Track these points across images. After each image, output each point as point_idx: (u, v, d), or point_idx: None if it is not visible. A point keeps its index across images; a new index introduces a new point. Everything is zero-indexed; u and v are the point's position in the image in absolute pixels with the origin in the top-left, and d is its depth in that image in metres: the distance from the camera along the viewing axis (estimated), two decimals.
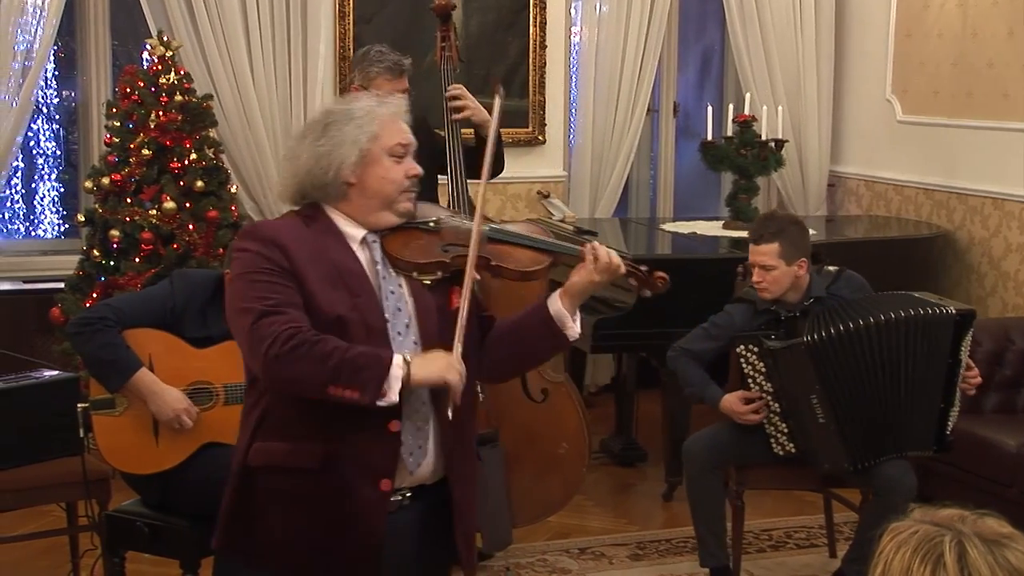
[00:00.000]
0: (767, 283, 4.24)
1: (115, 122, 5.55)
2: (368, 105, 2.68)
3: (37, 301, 5.74)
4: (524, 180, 6.65)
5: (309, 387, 2.50)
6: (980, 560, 1.52)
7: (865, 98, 7.11)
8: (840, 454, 4.16)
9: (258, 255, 2.56)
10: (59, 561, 4.54)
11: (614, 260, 2.72)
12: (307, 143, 2.65)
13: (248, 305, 2.53)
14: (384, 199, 2.66)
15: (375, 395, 2.47)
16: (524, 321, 2.78)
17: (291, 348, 2.46)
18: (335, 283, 2.59)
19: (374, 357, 2.49)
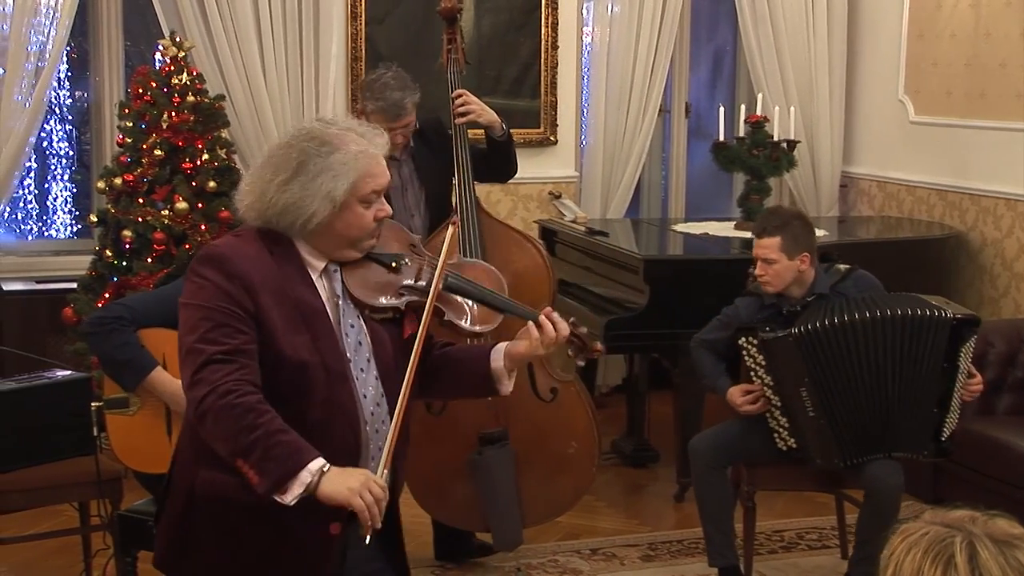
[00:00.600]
0: (768, 276, 4.25)
1: (127, 122, 5.56)
2: (352, 153, 2.56)
3: (50, 301, 5.75)
4: (535, 181, 6.65)
5: (222, 449, 2.45)
6: (991, 561, 1.52)
7: (877, 99, 7.09)
8: (831, 449, 4.17)
9: (220, 290, 2.48)
10: (71, 561, 4.56)
11: (560, 334, 2.70)
12: (277, 182, 2.54)
13: (199, 346, 2.46)
14: (350, 241, 2.61)
15: (271, 490, 2.40)
16: (463, 364, 2.79)
17: (223, 406, 2.40)
18: (297, 325, 2.53)
19: (293, 456, 2.40)
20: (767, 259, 4.23)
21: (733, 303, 4.47)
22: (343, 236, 2.59)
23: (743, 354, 4.24)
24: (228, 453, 2.44)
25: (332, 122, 2.64)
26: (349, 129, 2.62)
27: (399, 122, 4.43)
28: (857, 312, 4.10)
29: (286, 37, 6.15)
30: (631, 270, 5.47)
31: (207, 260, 2.54)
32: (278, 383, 2.50)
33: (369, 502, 2.41)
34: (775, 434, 4.27)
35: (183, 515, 2.62)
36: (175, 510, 2.65)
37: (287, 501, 2.40)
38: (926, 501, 5.26)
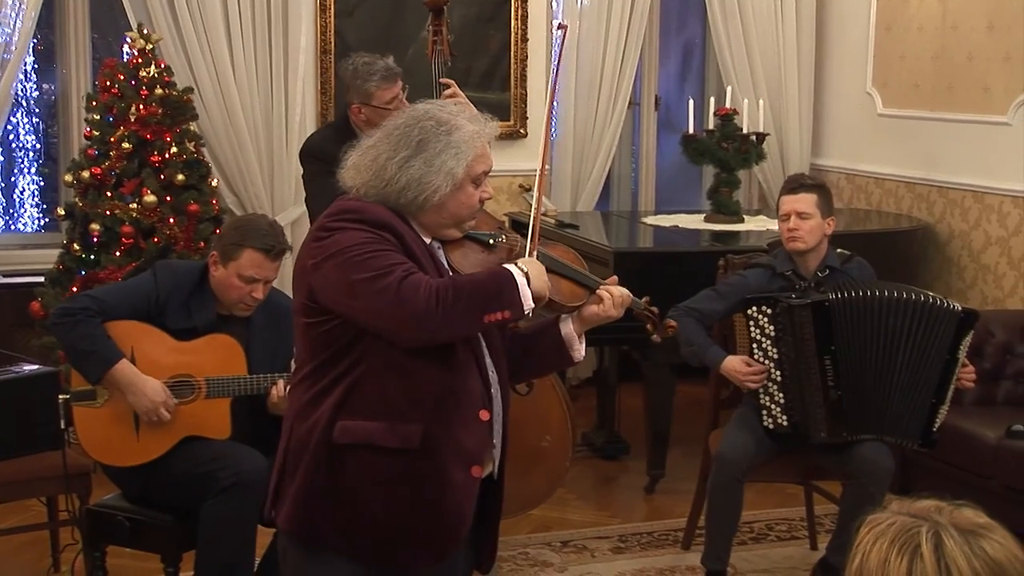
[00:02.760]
0: (803, 231, 4.26)
1: (95, 115, 5.53)
2: (469, 132, 2.65)
3: (16, 295, 5.72)
4: (505, 174, 6.64)
5: (468, 327, 2.59)
6: (957, 550, 1.53)
7: (846, 91, 7.13)
8: (839, 424, 4.18)
9: (370, 233, 2.56)
10: (40, 556, 4.54)
11: (625, 298, 2.85)
12: (398, 159, 2.61)
13: (379, 272, 2.51)
14: (457, 220, 2.70)
15: (521, 307, 2.57)
16: (535, 336, 2.88)
17: (444, 301, 2.49)
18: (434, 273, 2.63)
19: (501, 276, 2.58)
20: (804, 213, 4.25)
21: (738, 274, 4.48)
22: (453, 214, 2.67)
23: (749, 325, 4.23)
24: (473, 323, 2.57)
25: (443, 106, 2.73)
26: (459, 113, 2.71)
27: (398, 85, 4.47)
28: (882, 290, 4.14)
29: (255, 29, 6.12)
30: (601, 263, 5.47)
31: (340, 213, 2.61)
32: None
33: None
34: (764, 410, 4.25)
35: (320, 469, 2.61)
36: (311, 468, 2.62)
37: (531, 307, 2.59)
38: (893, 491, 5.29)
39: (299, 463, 2.65)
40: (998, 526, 1.59)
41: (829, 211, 4.33)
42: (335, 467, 2.61)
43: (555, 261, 2.86)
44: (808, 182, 4.42)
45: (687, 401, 5.89)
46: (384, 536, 2.62)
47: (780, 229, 4.36)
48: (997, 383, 5.36)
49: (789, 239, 4.29)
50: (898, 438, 4.23)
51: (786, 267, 4.35)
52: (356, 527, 2.62)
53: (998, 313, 5.72)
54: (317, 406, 2.63)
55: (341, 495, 2.61)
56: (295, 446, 2.66)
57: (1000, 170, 6.00)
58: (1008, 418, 4.95)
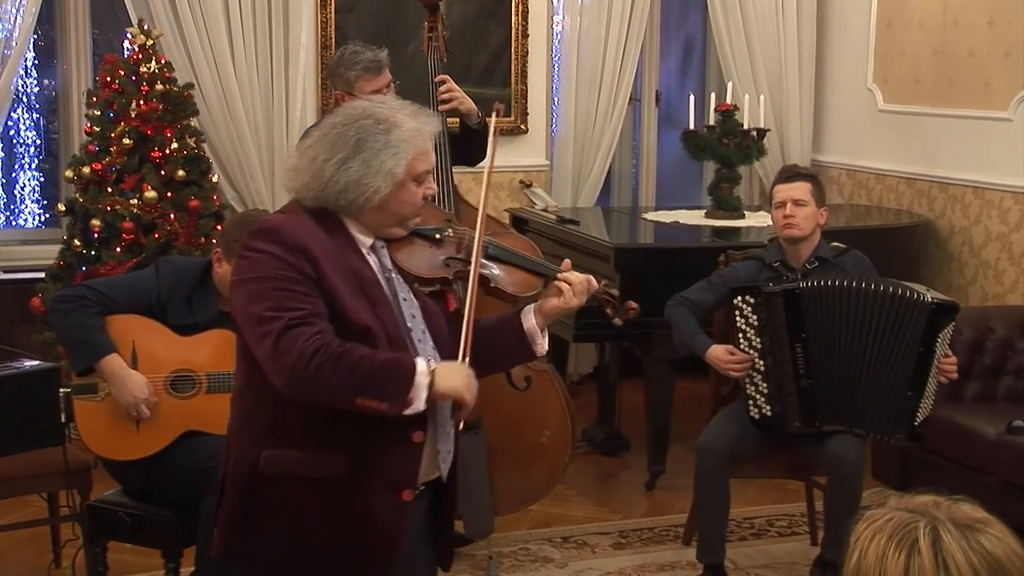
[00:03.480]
0: (799, 218, 4.29)
1: (96, 111, 5.52)
2: (409, 131, 2.59)
3: (17, 291, 5.72)
4: (506, 169, 6.64)
5: (336, 400, 2.47)
6: (954, 545, 1.53)
7: (846, 87, 7.12)
8: (811, 413, 4.20)
9: (280, 260, 2.48)
10: (41, 551, 4.54)
11: (591, 284, 2.79)
12: (335, 160, 2.55)
13: (270, 314, 2.45)
14: (400, 219, 2.65)
15: (402, 405, 2.48)
16: (496, 331, 2.80)
17: (317, 365, 2.41)
18: (357, 292, 2.55)
19: (399, 366, 2.48)
20: (800, 200, 4.29)
21: (730, 266, 4.52)
22: (396, 214, 2.63)
23: (735, 315, 4.26)
24: (345, 400, 2.46)
25: (382, 102, 2.68)
26: (400, 109, 2.65)
27: (383, 78, 4.43)
28: (855, 281, 4.16)
29: (255, 25, 6.12)
30: (602, 258, 5.48)
31: (262, 233, 2.55)
32: None
33: (475, 395, 2.58)
34: (750, 401, 4.28)
35: (248, 498, 2.59)
36: (238, 496, 2.60)
37: (419, 408, 2.49)
38: (894, 487, 5.30)
39: (229, 489, 2.64)
40: (996, 521, 1.59)
41: (823, 201, 4.37)
42: (259, 496, 2.57)
43: (507, 251, 2.83)
44: (803, 171, 4.48)
45: (687, 397, 5.89)
46: (306, 563, 2.57)
47: (775, 218, 4.38)
48: (998, 379, 5.36)
49: (785, 226, 4.32)
50: (871, 431, 4.23)
51: (775, 258, 4.38)
52: (277, 555, 2.58)
53: (999, 309, 5.72)
54: (247, 429, 2.61)
55: (266, 526, 2.57)
56: (230, 470, 2.64)
57: (1001, 166, 6.00)
58: (1008, 414, 4.95)
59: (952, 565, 1.52)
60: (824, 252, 4.37)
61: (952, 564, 1.52)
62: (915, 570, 1.53)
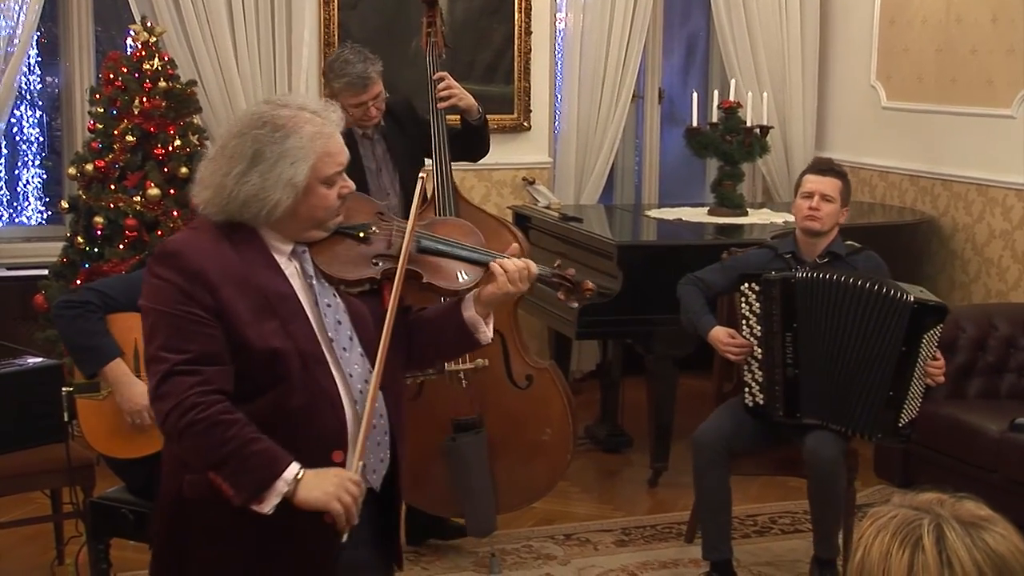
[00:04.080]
0: (823, 213, 4.29)
1: (99, 108, 5.53)
2: (308, 135, 2.48)
3: (20, 288, 5.72)
4: (509, 167, 6.64)
5: (194, 462, 2.44)
6: (958, 543, 1.53)
7: (850, 84, 7.12)
8: (793, 403, 4.21)
9: (178, 290, 2.41)
10: (44, 548, 4.55)
11: (526, 270, 2.66)
12: (234, 174, 2.46)
13: (162, 354, 2.40)
14: (315, 223, 2.55)
15: (249, 500, 2.38)
16: (438, 321, 2.73)
17: (188, 423, 2.35)
18: (264, 313, 2.45)
19: (266, 466, 2.38)
20: (828, 195, 4.29)
21: (745, 252, 4.54)
22: (309, 219, 2.53)
23: (740, 301, 4.27)
24: (201, 467, 2.43)
25: (283, 103, 2.55)
26: (302, 108, 2.53)
27: (368, 93, 4.42)
28: (846, 277, 4.16)
29: (258, 23, 6.12)
30: (605, 256, 5.48)
31: (162, 258, 2.48)
32: (252, 374, 2.45)
33: (347, 504, 2.41)
34: (746, 388, 4.30)
35: (174, 522, 2.56)
36: (165, 519, 2.58)
37: (264, 511, 2.38)
38: (897, 484, 5.30)
39: (157, 516, 2.62)
40: (1000, 518, 1.59)
41: (847, 201, 4.38)
42: (183, 520, 2.54)
43: (442, 241, 2.68)
44: (836, 168, 4.47)
45: (690, 394, 5.89)
46: None
47: (798, 206, 4.35)
48: (1001, 376, 5.36)
49: (808, 217, 4.30)
50: (850, 428, 4.22)
51: (788, 249, 4.37)
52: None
53: (1002, 306, 5.71)
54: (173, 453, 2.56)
55: (188, 548, 2.54)
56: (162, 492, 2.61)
57: (1004, 163, 6.00)
58: (1011, 411, 4.95)
59: (956, 563, 1.52)
60: (838, 248, 4.36)
61: (956, 562, 1.52)
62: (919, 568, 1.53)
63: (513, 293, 2.66)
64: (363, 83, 4.40)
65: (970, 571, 1.52)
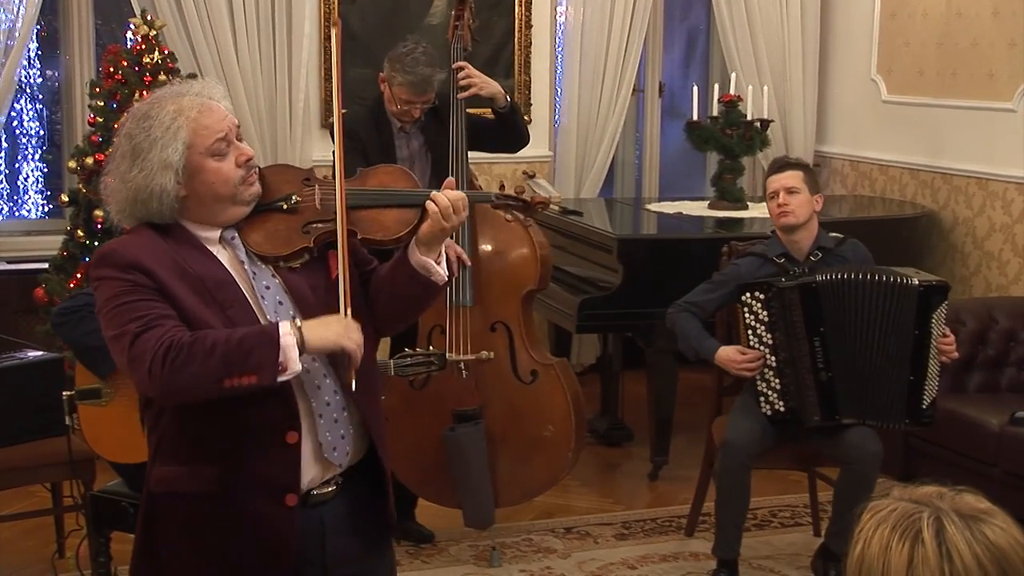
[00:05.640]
0: (793, 206, 4.29)
1: (99, 102, 5.52)
2: (169, 114, 2.45)
3: (21, 281, 5.71)
4: (509, 160, 6.62)
5: (203, 390, 2.35)
6: (958, 535, 1.53)
7: (850, 78, 7.11)
8: (830, 406, 4.19)
9: (120, 280, 2.39)
10: (44, 541, 4.55)
11: (454, 202, 2.54)
12: (120, 175, 2.45)
13: (119, 331, 2.37)
14: (223, 199, 2.49)
15: (274, 373, 2.34)
16: (392, 277, 2.63)
17: (171, 361, 2.31)
18: (204, 299, 2.43)
19: (259, 334, 2.36)
20: (792, 188, 4.30)
21: (731, 263, 4.52)
22: (214, 195, 2.47)
23: (743, 312, 4.25)
24: (212, 386, 2.34)
25: (159, 92, 2.54)
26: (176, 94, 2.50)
27: (423, 97, 4.47)
28: (858, 272, 4.17)
29: (258, 16, 6.11)
30: (605, 249, 5.48)
31: (99, 261, 2.46)
32: None
33: (358, 342, 2.41)
34: (762, 397, 4.26)
35: (147, 519, 2.56)
36: (140, 522, 2.59)
37: (295, 370, 2.35)
38: (897, 478, 5.30)
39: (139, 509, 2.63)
40: (999, 511, 1.59)
41: (816, 188, 4.38)
42: (154, 515, 2.53)
43: (370, 194, 2.60)
44: (793, 161, 4.51)
45: (690, 388, 5.89)
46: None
47: (770, 209, 4.40)
48: (1001, 370, 5.36)
49: (780, 215, 4.33)
50: (880, 421, 4.23)
51: (777, 252, 4.37)
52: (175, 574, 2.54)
53: (1002, 300, 5.72)
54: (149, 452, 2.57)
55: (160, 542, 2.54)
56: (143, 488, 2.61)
57: (1004, 157, 6.00)
58: (1011, 405, 4.95)
59: (956, 555, 1.52)
60: (825, 242, 4.37)
61: (956, 554, 1.52)
62: (919, 560, 1.53)
63: (450, 227, 2.57)
64: (424, 88, 4.45)
65: (970, 564, 1.52)
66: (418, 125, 4.58)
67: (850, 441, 4.17)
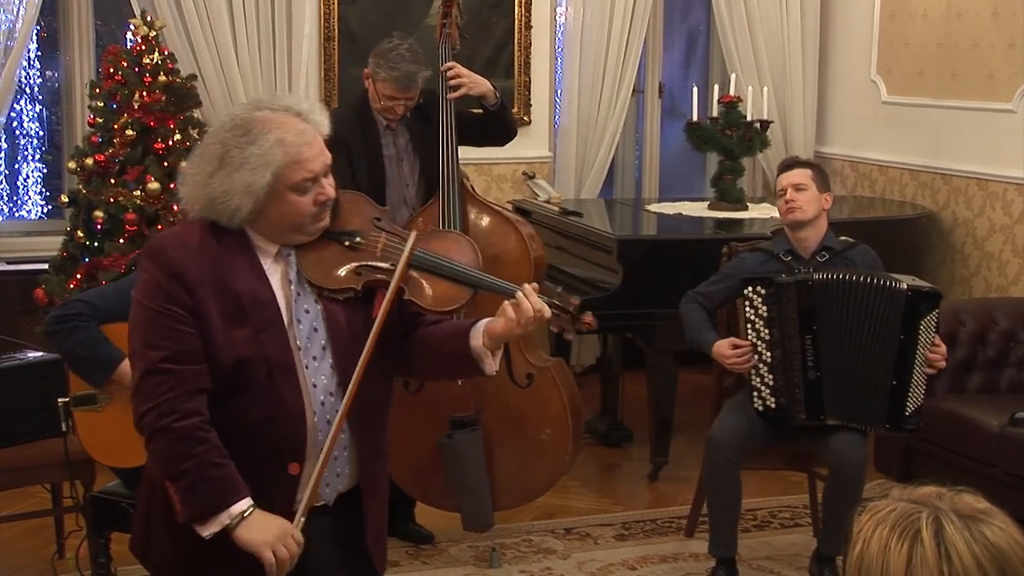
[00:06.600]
0: (801, 202, 4.30)
1: (99, 102, 5.52)
2: (272, 142, 2.44)
3: (20, 282, 5.71)
4: (509, 161, 6.64)
5: (156, 467, 2.49)
6: (957, 535, 1.53)
7: (850, 79, 7.11)
8: (816, 406, 4.19)
9: (159, 287, 2.44)
10: (44, 542, 4.55)
11: (536, 312, 2.53)
12: (203, 174, 2.47)
13: (142, 351, 2.45)
14: (290, 228, 2.52)
15: (192, 519, 2.43)
16: (443, 345, 2.66)
17: (161, 428, 2.41)
18: (238, 319, 2.46)
19: (219, 495, 2.42)
20: (800, 184, 4.31)
21: (738, 256, 4.53)
22: (282, 224, 2.51)
23: (744, 305, 4.26)
24: (160, 474, 2.48)
25: (263, 105, 2.53)
26: (286, 110, 2.50)
27: (407, 94, 4.46)
28: (850, 273, 4.17)
29: (258, 16, 6.11)
30: (605, 250, 5.48)
31: (149, 253, 2.52)
32: (218, 380, 2.46)
33: (282, 557, 2.43)
34: (755, 392, 4.27)
35: (146, 505, 2.64)
36: (141, 499, 2.67)
37: (203, 534, 2.43)
38: (897, 478, 5.30)
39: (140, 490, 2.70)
40: (998, 511, 1.59)
41: (826, 186, 4.38)
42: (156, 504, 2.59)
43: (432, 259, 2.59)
44: (802, 160, 4.53)
45: (690, 389, 5.89)
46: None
47: (779, 207, 4.41)
48: (1000, 371, 5.36)
49: (788, 211, 4.33)
50: (861, 423, 4.22)
51: (784, 249, 4.37)
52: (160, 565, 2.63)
53: (1002, 300, 5.72)
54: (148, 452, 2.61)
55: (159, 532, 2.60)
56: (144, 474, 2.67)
57: (1004, 157, 6.00)
58: (1011, 406, 4.95)
59: (955, 555, 1.52)
60: (833, 243, 4.37)
61: (955, 554, 1.52)
62: (918, 561, 1.53)
63: (517, 336, 2.59)
64: (407, 84, 4.43)
65: (968, 564, 1.52)
66: (404, 123, 4.57)
67: (834, 447, 4.18)
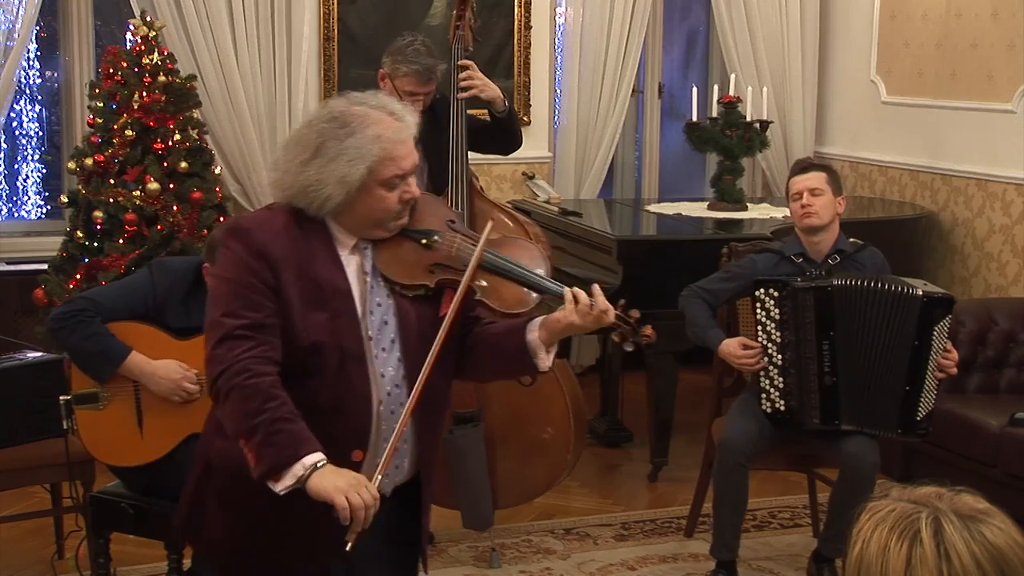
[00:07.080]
0: (816, 207, 4.27)
1: (98, 103, 5.52)
2: (369, 137, 2.52)
3: (20, 282, 5.72)
4: (509, 161, 6.62)
5: (229, 426, 2.50)
6: (956, 536, 1.53)
7: (850, 79, 7.11)
8: (831, 411, 4.18)
9: (243, 263, 2.50)
10: (44, 542, 4.55)
11: (599, 307, 2.61)
12: (297, 162, 2.53)
13: (220, 319, 2.49)
14: (373, 223, 2.60)
15: (265, 475, 2.43)
16: (499, 339, 2.72)
17: (235, 385, 2.43)
18: (316, 304, 2.53)
19: (292, 446, 2.42)
20: (816, 189, 4.28)
21: (747, 257, 4.50)
22: (366, 218, 2.58)
23: (755, 307, 4.23)
24: (233, 432, 2.49)
25: (361, 100, 2.59)
26: (380, 107, 2.58)
27: (427, 87, 4.46)
28: (868, 280, 4.16)
29: (258, 17, 6.11)
30: (604, 250, 5.48)
31: (233, 232, 2.57)
32: (290, 362, 2.51)
33: (355, 503, 2.40)
34: (763, 394, 4.25)
35: (199, 483, 2.66)
36: (194, 477, 2.69)
37: (278, 490, 2.43)
38: (896, 478, 5.30)
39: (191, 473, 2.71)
40: (998, 511, 1.59)
41: (839, 190, 4.36)
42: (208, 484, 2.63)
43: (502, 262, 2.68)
44: (816, 162, 4.49)
45: (690, 389, 5.89)
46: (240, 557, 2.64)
47: (792, 210, 4.35)
48: (1000, 371, 5.36)
49: (803, 216, 4.29)
50: (875, 429, 4.21)
51: (795, 251, 4.35)
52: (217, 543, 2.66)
53: (1001, 301, 5.71)
54: (211, 420, 2.66)
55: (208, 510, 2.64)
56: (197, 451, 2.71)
57: (1004, 158, 6.00)
58: (1011, 406, 4.95)
59: (954, 556, 1.52)
60: (845, 246, 4.35)
61: (954, 555, 1.52)
62: (917, 561, 1.53)
63: (576, 325, 2.62)
64: (427, 76, 4.43)
65: (968, 564, 1.52)
66: None
67: (848, 450, 4.16)
